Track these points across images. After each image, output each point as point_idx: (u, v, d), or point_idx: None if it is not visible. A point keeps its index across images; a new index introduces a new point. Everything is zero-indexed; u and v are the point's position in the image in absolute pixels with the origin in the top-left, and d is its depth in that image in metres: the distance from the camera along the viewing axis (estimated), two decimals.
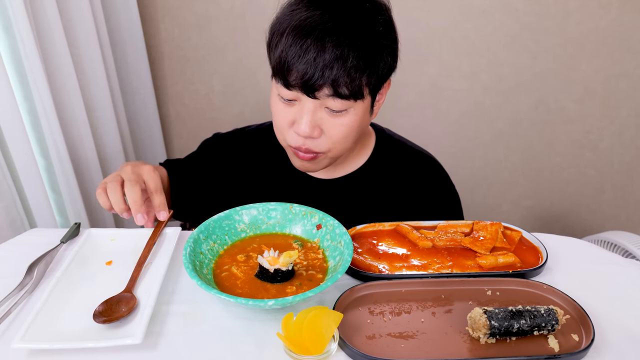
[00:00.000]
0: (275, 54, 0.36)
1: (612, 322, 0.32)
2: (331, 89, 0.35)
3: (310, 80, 0.34)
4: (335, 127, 0.38)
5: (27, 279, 0.35)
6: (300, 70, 0.34)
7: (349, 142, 0.40)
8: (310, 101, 0.36)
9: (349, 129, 0.38)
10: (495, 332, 0.30)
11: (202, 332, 0.31)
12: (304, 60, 0.34)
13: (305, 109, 0.37)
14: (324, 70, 0.34)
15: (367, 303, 0.33)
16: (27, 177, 0.59)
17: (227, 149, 0.49)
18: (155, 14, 0.89)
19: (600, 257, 0.40)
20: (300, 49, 0.34)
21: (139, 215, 0.35)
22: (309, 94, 0.36)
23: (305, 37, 0.34)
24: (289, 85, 0.36)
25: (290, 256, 0.34)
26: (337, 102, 0.36)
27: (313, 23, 0.34)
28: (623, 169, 0.93)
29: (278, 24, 0.36)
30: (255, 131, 0.50)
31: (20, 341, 0.28)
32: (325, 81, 0.34)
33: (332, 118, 0.37)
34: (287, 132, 0.39)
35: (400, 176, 0.46)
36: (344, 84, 0.35)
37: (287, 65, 0.35)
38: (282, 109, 0.38)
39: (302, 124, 0.37)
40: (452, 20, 0.85)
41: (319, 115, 0.37)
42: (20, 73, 0.59)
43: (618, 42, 0.82)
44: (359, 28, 0.35)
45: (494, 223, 0.41)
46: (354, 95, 0.36)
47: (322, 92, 0.35)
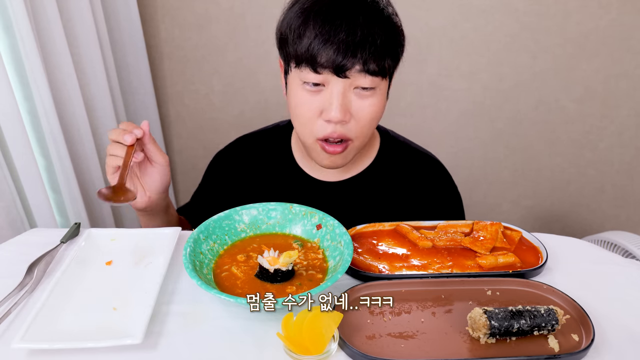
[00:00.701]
0: (301, 42, 0.36)
1: (612, 322, 0.32)
2: (362, 65, 0.36)
3: (343, 59, 0.35)
4: (364, 110, 0.38)
5: (27, 279, 0.35)
6: (331, 51, 0.35)
7: (373, 128, 0.40)
8: (340, 83, 0.36)
9: (375, 110, 0.39)
10: (495, 332, 0.30)
11: (202, 332, 0.31)
12: (335, 40, 0.35)
13: (335, 92, 0.37)
14: (356, 47, 0.35)
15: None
16: (27, 176, 0.59)
17: (232, 160, 0.49)
18: (155, 14, 0.89)
19: (600, 257, 0.40)
20: (331, 29, 0.35)
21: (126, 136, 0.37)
22: (339, 74, 0.36)
23: (335, 18, 0.35)
24: (319, 66, 0.36)
25: (290, 256, 0.34)
26: (368, 79, 0.36)
27: (340, 3, 0.35)
28: (623, 169, 0.93)
29: (296, 18, 0.37)
30: (256, 136, 0.50)
31: (20, 341, 0.28)
32: (356, 59, 0.35)
33: (360, 100, 0.38)
34: (315, 122, 0.39)
35: (405, 177, 0.46)
36: (373, 61, 0.36)
37: (318, 48, 0.35)
38: (307, 99, 0.38)
39: (333, 108, 0.37)
40: (452, 20, 0.85)
41: (348, 98, 0.38)
42: (21, 73, 0.59)
43: (618, 42, 0.82)
44: (380, 10, 0.37)
45: (494, 223, 0.41)
46: (382, 72, 0.37)
47: (352, 70, 0.36)
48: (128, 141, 0.37)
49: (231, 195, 0.44)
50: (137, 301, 0.33)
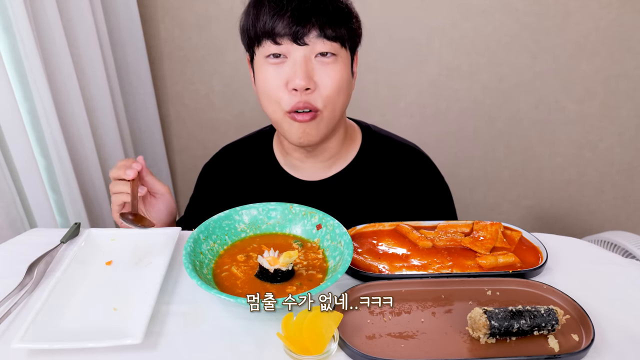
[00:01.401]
0: (258, 18, 0.38)
1: (612, 322, 0.32)
2: (319, 30, 0.37)
3: (298, 24, 0.36)
4: (327, 76, 0.39)
5: (27, 279, 0.35)
6: (287, 20, 0.37)
7: (341, 100, 0.41)
8: (300, 50, 0.38)
9: (339, 78, 0.39)
10: (495, 332, 0.30)
11: (202, 332, 0.31)
12: (289, 8, 0.36)
13: (298, 61, 0.38)
14: (309, 13, 0.36)
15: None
16: (27, 177, 0.59)
17: (218, 172, 0.50)
18: (156, 14, 0.88)
19: (600, 257, 0.40)
20: (283, 1, 0.37)
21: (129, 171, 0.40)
22: (298, 41, 0.37)
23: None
24: (277, 37, 0.37)
25: (290, 256, 0.34)
26: (327, 44, 0.38)
27: None
28: (623, 169, 0.93)
29: (252, 6, 0.39)
30: (240, 144, 0.51)
31: (20, 341, 0.28)
32: (312, 23, 0.37)
33: (322, 67, 0.39)
34: (282, 95, 0.40)
35: (390, 171, 0.46)
36: (329, 26, 0.37)
37: (274, 20, 0.37)
38: (272, 73, 0.39)
39: (297, 76, 0.38)
40: (452, 20, 0.85)
41: (310, 66, 0.39)
42: (20, 73, 0.59)
43: (618, 42, 0.82)
44: None
45: (494, 223, 0.41)
46: (340, 39, 0.38)
47: (310, 36, 0.37)
48: (130, 175, 0.40)
49: (222, 204, 0.43)
50: (137, 301, 0.33)
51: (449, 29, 0.86)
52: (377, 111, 0.93)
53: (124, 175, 0.40)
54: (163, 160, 0.97)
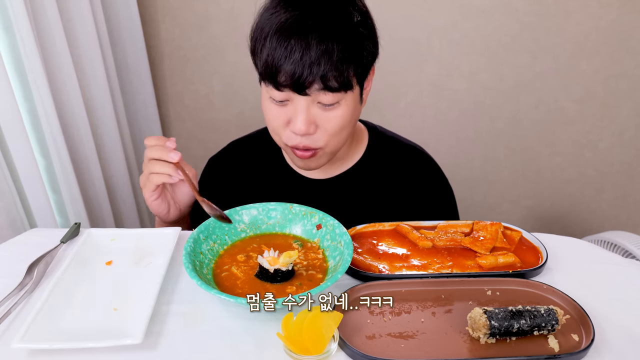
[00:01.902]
0: (261, 58, 0.37)
1: (612, 322, 0.32)
2: (321, 83, 0.36)
3: (300, 78, 0.35)
4: (330, 121, 0.39)
5: (27, 279, 0.35)
6: (288, 71, 0.35)
7: (345, 135, 0.41)
8: (302, 99, 0.37)
9: (343, 120, 0.39)
10: (495, 332, 0.30)
11: (202, 332, 0.31)
12: (290, 60, 0.35)
13: (299, 108, 0.38)
14: (311, 67, 0.35)
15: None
16: (27, 177, 0.59)
17: (225, 166, 0.50)
18: (156, 14, 0.88)
19: (600, 257, 0.40)
20: (285, 50, 0.35)
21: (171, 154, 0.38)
22: (300, 92, 0.36)
23: (288, 38, 0.35)
24: (280, 86, 0.37)
25: (290, 256, 0.34)
26: (328, 95, 0.37)
27: (293, 23, 0.35)
28: (623, 169, 0.93)
29: (259, 29, 0.37)
30: (247, 140, 0.51)
31: (20, 341, 0.28)
32: (314, 77, 0.35)
33: (325, 112, 0.38)
34: (283, 132, 0.40)
35: (395, 171, 0.47)
36: (332, 78, 0.36)
37: (275, 67, 0.36)
38: (275, 110, 0.39)
39: (298, 122, 0.38)
40: (452, 20, 0.84)
41: (313, 111, 0.38)
42: (20, 73, 0.59)
43: (618, 42, 0.82)
44: (339, 22, 0.36)
45: (494, 223, 0.41)
46: (343, 87, 0.37)
47: (312, 88, 0.36)
48: (175, 159, 0.38)
49: (227, 199, 0.44)
50: (137, 301, 0.33)
51: (449, 28, 0.86)
52: (376, 111, 0.93)
53: (167, 157, 0.38)
54: None
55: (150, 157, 0.39)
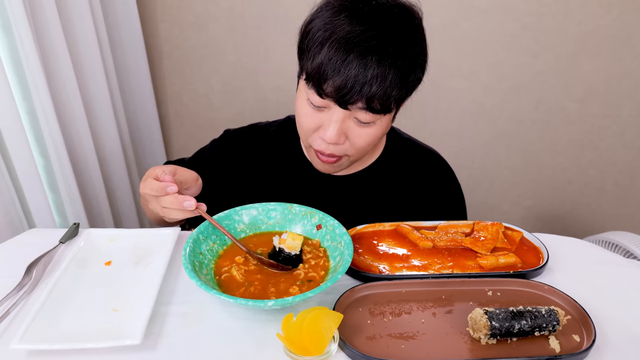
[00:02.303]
0: (313, 61, 0.36)
1: (613, 322, 0.32)
2: (365, 103, 0.36)
3: (347, 94, 0.35)
4: (361, 137, 0.39)
5: (26, 280, 0.35)
6: (337, 83, 0.35)
7: (371, 147, 0.41)
8: (340, 111, 0.37)
9: (373, 137, 0.39)
10: (496, 333, 0.30)
11: (202, 332, 0.31)
12: (344, 74, 0.34)
13: (334, 118, 0.37)
14: (362, 86, 0.34)
15: (368, 304, 0.33)
16: (26, 177, 0.58)
17: (241, 145, 0.49)
18: (155, 13, 0.88)
19: (602, 258, 0.39)
20: (341, 63, 0.34)
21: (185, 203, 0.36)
22: (341, 106, 0.36)
23: (348, 52, 0.34)
24: (323, 94, 0.36)
25: (293, 238, 0.35)
26: (368, 115, 0.37)
27: (356, 39, 0.34)
28: (624, 169, 0.92)
29: (318, 31, 0.36)
30: (268, 128, 0.50)
31: (19, 342, 0.28)
32: (361, 96, 0.35)
33: (358, 127, 0.38)
34: (312, 135, 0.40)
35: (409, 173, 0.47)
36: (378, 100, 0.36)
37: (326, 75, 0.35)
38: (309, 112, 0.39)
39: (329, 131, 0.38)
40: (452, 19, 0.84)
41: (346, 124, 0.38)
42: (19, 73, 0.59)
43: (619, 41, 0.82)
44: (400, 47, 0.35)
45: (495, 223, 0.40)
46: (384, 110, 0.37)
47: (355, 106, 0.36)
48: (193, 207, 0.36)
49: (237, 179, 0.44)
50: (136, 302, 0.33)
51: (450, 28, 0.86)
52: None
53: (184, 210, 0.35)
54: (162, 160, 0.96)
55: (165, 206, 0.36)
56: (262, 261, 0.35)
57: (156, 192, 0.35)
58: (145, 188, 0.36)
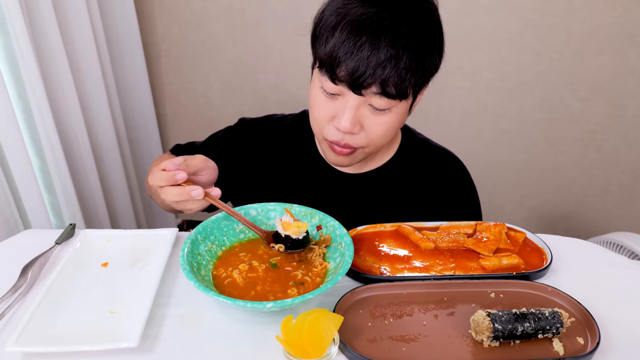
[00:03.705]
0: (325, 47, 0.35)
1: (618, 325, 0.32)
2: (379, 87, 0.35)
3: (361, 77, 0.34)
4: (377, 125, 0.37)
5: (21, 281, 0.34)
6: (350, 67, 0.34)
7: (387, 140, 0.40)
8: (355, 97, 0.36)
9: (389, 127, 0.38)
10: (499, 335, 0.29)
11: (200, 335, 0.31)
12: (356, 57, 0.33)
13: (349, 105, 0.36)
14: (376, 69, 0.33)
15: (368, 305, 0.33)
16: (22, 177, 0.58)
17: (256, 135, 0.48)
18: (152, 11, 0.87)
19: (606, 259, 0.39)
20: (354, 46, 0.33)
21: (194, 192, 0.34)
22: (355, 91, 0.35)
23: (360, 34, 0.33)
24: (336, 79, 0.35)
25: (298, 227, 0.34)
26: (383, 100, 0.36)
27: (369, 20, 0.33)
28: (629, 169, 0.91)
29: (330, 16, 0.35)
30: (283, 120, 0.49)
31: (14, 344, 0.28)
32: (375, 80, 0.34)
33: (374, 116, 0.37)
34: (326, 126, 0.39)
35: (424, 173, 0.46)
36: (392, 84, 0.34)
37: (338, 59, 0.34)
38: (323, 102, 0.38)
39: (344, 119, 0.36)
40: (455, 17, 0.83)
41: (361, 112, 0.37)
42: (15, 71, 0.58)
43: (624, 39, 0.81)
44: (414, 28, 0.34)
45: (498, 224, 0.40)
46: (400, 95, 0.36)
47: (369, 90, 0.35)
48: (201, 195, 0.34)
49: (247, 167, 0.42)
50: (133, 303, 0.32)
51: (452, 26, 0.85)
52: None
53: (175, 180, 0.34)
54: None
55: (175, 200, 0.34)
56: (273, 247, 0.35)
57: (165, 181, 0.34)
58: (153, 180, 0.35)
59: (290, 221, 0.35)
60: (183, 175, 0.34)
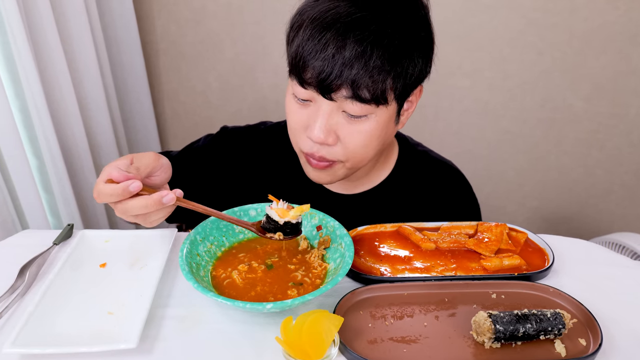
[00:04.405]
0: (291, 48, 0.32)
1: (620, 326, 0.31)
2: (350, 90, 0.31)
3: (327, 79, 0.31)
4: (353, 135, 0.34)
5: (19, 282, 0.34)
6: (316, 67, 0.31)
7: (369, 153, 0.36)
8: (327, 103, 0.33)
9: (368, 137, 0.34)
10: (500, 337, 0.29)
11: (199, 336, 0.31)
12: (321, 56, 0.30)
13: (320, 112, 0.33)
14: (342, 68, 0.30)
15: (369, 306, 0.33)
16: (19, 177, 0.58)
17: (240, 146, 0.44)
18: (151, 9, 0.87)
19: (608, 259, 0.39)
20: (317, 43, 0.30)
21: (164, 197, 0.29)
22: (324, 95, 0.32)
23: (324, 30, 0.30)
24: (304, 83, 0.32)
25: (301, 211, 0.32)
26: (357, 105, 0.32)
27: (335, 15, 0.30)
28: (632, 169, 0.91)
29: (298, 15, 0.33)
30: (271, 131, 0.45)
31: (12, 346, 0.28)
32: (343, 81, 0.31)
33: (349, 124, 0.34)
34: (300, 136, 0.36)
35: (423, 191, 0.43)
36: (364, 86, 0.31)
37: (303, 60, 0.31)
38: (296, 110, 0.35)
39: (316, 127, 0.33)
40: (456, 15, 0.83)
41: (335, 119, 0.34)
42: (12, 70, 0.58)
43: (626, 38, 0.80)
44: (387, 24, 0.30)
45: (499, 224, 0.40)
46: (375, 100, 0.32)
47: (339, 93, 0.32)
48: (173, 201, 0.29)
49: (230, 179, 0.38)
50: (132, 304, 0.32)
51: (453, 24, 0.84)
52: None
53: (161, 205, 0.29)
54: None
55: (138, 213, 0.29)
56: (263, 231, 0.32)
57: (118, 196, 0.28)
58: (100, 196, 0.28)
59: (284, 207, 0.32)
60: (137, 185, 0.28)
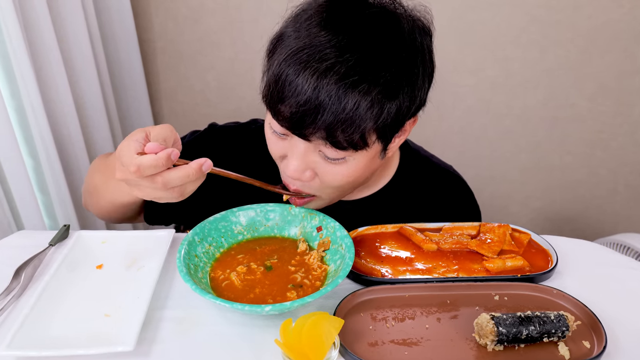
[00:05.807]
0: (266, 76, 0.29)
1: (625, 328, 0.31)
2: (324, 132, 0.28)
3: (301, 122, 0.27)
4: (330, 175, 0.32)
5: (14, 284, 0.34)
6: (289, 107, 0.27)
7: (352, 187, 0.34)
8: (302, 142, 0.30)
9: (347, 177, 0.32)
10: (503, 339, 0.29)
11: (197, 338, 0.30)
12: (294, 96, 0.27)
13: (296, 150, 0.30)
14: (316, 113, 0.27)
15: (369, 308, 0.32)
16: (14, 177, 0.57)
17: (227, 145, 0.41)
18: (149, 7, 0.85)
19: (613, 260, 0.38)
20: (291, 84, 0.27)
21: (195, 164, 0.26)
22: (299, 136, 0.29)
23: (300, 69, 0.26)
24: (278, 119, 0.29)
25: None
26: (332, 151, 0.29)
27: (314, 51, 0.26)
28: (637, 169, 0.90)
29: (276, 40, 0.29)
30: (263, 130, 0.39)
31: (7, 348, 0.27)
32: (317, 127, 0.27)
33: (327, 164, 0.31)
34: (279, 164, 0.34)
35: (424, 198, 0.41)
36: (340, 132, 0.28)
37: (275, 96, 0.28)
38: (274, 140, 0.32)
39: (290, 165, 0.31)
40: (458, 12, 0.81)
41: (312, 158, 0.31)
42: (7, 69, 0.57)
43: (631, 36, 0.79)
44: (371, 60, 0.26)
45: (502, 225, 0.39)
46: (353, 146, 0.29)
47: (314, 136, 0.29)
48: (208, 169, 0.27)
49: (217, 181, 0.34)
50: (129, 306, 0.32)
51: (455, 22, 0.83)
52: None
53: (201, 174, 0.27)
54: None
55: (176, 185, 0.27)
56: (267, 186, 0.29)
57: (160, 167, 0.25)
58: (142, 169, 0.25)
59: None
60: (177, 153, 0.26)
